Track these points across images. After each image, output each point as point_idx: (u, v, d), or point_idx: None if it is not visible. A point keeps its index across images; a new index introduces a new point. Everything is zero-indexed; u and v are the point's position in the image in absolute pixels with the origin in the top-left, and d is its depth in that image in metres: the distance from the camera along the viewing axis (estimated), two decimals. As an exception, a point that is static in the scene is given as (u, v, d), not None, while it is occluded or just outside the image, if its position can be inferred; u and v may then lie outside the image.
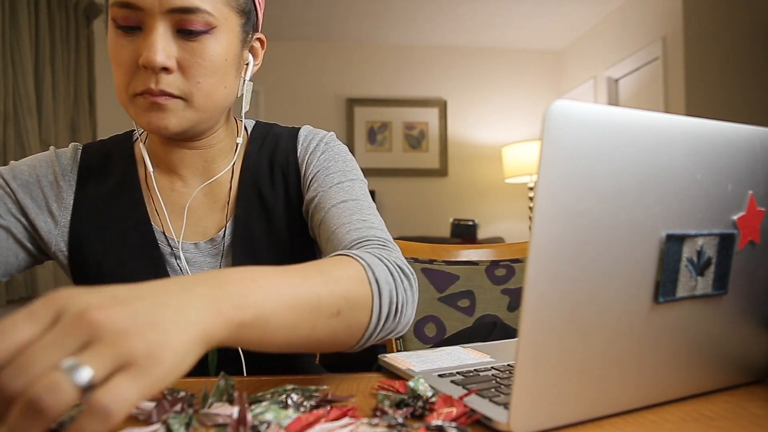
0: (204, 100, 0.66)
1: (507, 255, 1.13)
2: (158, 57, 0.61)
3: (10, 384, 0.29)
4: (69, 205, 0.73)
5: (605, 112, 0.39)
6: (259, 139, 0.80)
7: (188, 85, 0.64)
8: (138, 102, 0.64)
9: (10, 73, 2.52)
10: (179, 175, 0.76)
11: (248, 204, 0.75)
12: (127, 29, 0.63)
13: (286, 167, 0.77)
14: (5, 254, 0.70)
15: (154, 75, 0.62)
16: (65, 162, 0.75)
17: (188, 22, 0.62)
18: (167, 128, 0.65)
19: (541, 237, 0.37)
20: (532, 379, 0.39)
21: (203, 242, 0.74)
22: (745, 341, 0.52)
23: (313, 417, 0.41)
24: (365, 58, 4.36)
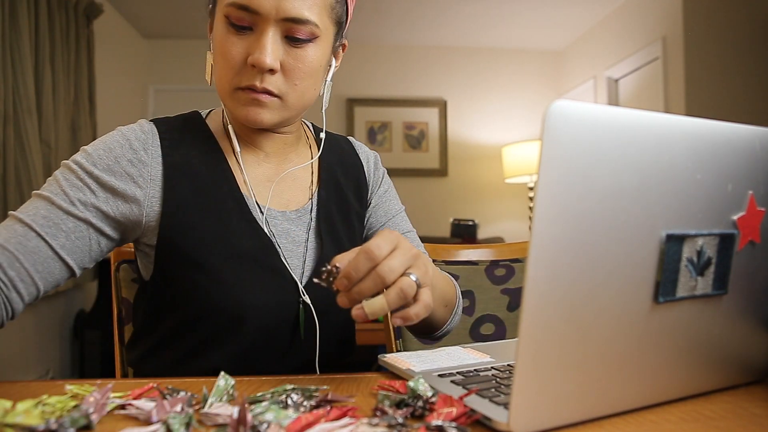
0: (297, 99, 0.73)
1: (507, 255, 1.13)
2: (268, 59, 0.67)
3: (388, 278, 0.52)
4: (157, 175, 0.72)
5: (605, 112, 0.39)
6: (326, 139, 0.89)
7: (286, 86, 0.71)
8: (239, 96, 0.71)
9: (10, 73, 2.52)
10: (264, 153, 0.81)
11: (329, 188, 0.84)
12: (240, 28, 0.69)
13: (357, 172, 0.89)
14: (87, 244, 0.70)
15: (260, 74, 0.69)
16: (143, 136, 0.74)
17: (297, 30, 0.68)
18: (263, 122, 0.72)
19: (541, 237, 0.37)
20: (532, 379, 0.39)
21: (290, 211, 0.79)
22: (745, 341, 0.52)
23: (313, 417, 0.41)
24: (365, 58, 4.36)
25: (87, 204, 0.69)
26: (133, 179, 0.71)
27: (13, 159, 2.52)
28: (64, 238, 0.67)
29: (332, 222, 0.82)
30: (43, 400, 0.46)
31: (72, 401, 0.46)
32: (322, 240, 0.79)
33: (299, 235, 0.79)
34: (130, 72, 3.98)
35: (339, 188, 0.85)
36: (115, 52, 3.71)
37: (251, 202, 0.76)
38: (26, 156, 2.58)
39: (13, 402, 0.44)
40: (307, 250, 0.78)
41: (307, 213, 0.81)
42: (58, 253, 0.67)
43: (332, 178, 0.85)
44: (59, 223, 0.67)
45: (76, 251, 0.69)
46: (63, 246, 0.67)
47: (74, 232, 0.68)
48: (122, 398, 0.48)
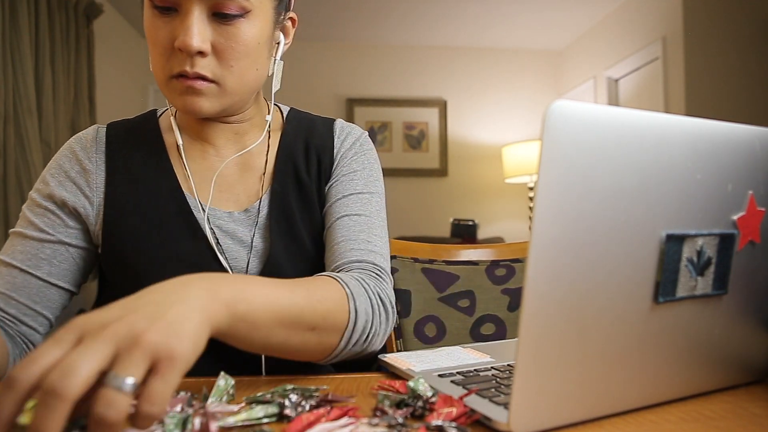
0: (236, 83, 0.67)
1: (507, 255, 1.13)
2: (194, 41, 0.62)
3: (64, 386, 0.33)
4: (101, 183, 0.72)
5: (605, 112, 0.39)
6: (295, 122, 0.82)
7: (221, 69, 0.66)
8: (173, 85, 0.66)
9: (10, 73, 2.52)
10: (212, 145, 0.76)
11: (285, 179, 0.77)
12: (163, 10, 0.64)
13: (322, 151, 0.79)
14: (72, 263, 0.72)
15: (189, 58, 0.64)
16: (88, 145, 0.74)
17: (223, 5, 0.63)
18: (201, 111, 0.67)
19: (541, 237, 0.37)
20: (532, 379, 0.39)
21: (237, 212, 0.74)
22: (745, 341, 0.52)
23: (314, 417, 0.41)
24: (365, 58, 4.36)
25: (54, 226, 0.71)
26: (81, 189, 0.72)
27: (13, 159, 2.52)
28: (47, 265, 0.70)
29: (289, 215, 0.75)
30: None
31: (72, 401, 0.46)
32: (271, 241, 0.73)
33: (246, 236, 0.74)
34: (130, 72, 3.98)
35: (297, 174, 0.77)
36: (115, 52, 3.71)
37: (193, 202, 0.73)
38: (26, 156, 2.58)
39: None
40: (251, 252, 0.73)
41: (254, 213, 0.75)
42: (47, 281, 0.69)
43: (290, 164, 0.78)
44: (37, 253, 0.69)
45: (64, 273, 0.71)
46: (49, 273, 0.70)
47: (54, 257, 0.71)
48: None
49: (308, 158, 0.79)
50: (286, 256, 0.73)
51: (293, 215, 0.75)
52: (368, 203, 0.77)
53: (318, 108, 4.19)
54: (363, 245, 0.72)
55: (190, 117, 0.76)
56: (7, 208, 2.51)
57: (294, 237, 0.74)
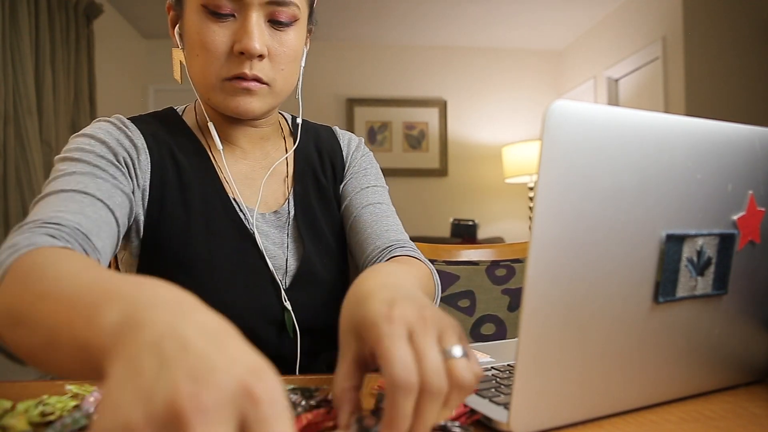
0: (284, 85, 0.72)
1: (507, 255, 1.13)
2: (257, 44, 0.65)
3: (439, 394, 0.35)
4: (147, 164, 0.70)
5: (605, 112, 0.39)
6: (303, 128, 0.86)
7: (274, 72, 0.69)
8: (227, 86, 0.68)
9: (10, 73, 2.52)
10: (241, 149, 0.78)
11: (305, 180, 0.81)
12: (220, 16, 0.66)
13: (333, 155, 0.85)
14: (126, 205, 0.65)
15: (249, 61, 0.67)
16: (127, 124, 0.71)
17: (280, 13, 0.67)
18: (254, 111, 0.70)
19: (541, 237, 0.37)
20: (532, 379, 0.39)
21: (269, 213, 0.77)
22: (745, 341, 0.52)
23: (313, 417, 0.41)
24: (365, 58, 4.36)
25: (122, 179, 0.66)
26: (132, 161, 0.68)
27: (13, 159, 2.52)
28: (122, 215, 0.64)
29: (312, 216, 0.79)
30: (43, 400, 0.46)
31: (72, 401, 0.46)
32: (302, 241, 0.77)
33: (279, 238, 0.76)
34: (129, 72, 3.99)
35: (315, 177, 0.82)
36: (115, 52, 3.71)
37: (235, 203, 0.74)
38: (26, 156, 2.58)
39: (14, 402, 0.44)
40: (288, 252, 0.76)
41: (284, 214, 0.78)
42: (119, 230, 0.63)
43: (308, 167, 0.82)
44: (113, 195, 0.63)
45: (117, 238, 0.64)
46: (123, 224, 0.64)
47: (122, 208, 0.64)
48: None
49: (323, 162, 0.84)
50: (315, 253, 0.77)
51: (315, 215, 0.79)
52: (383, 194, 0.84)
53: (318, 108, 4.19)
54: (394, 227, 0.79)
55: (219, 120, 0.75)
56: (7, 208, 2.51)
57: (319, 235, 0.78)
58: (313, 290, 0.75)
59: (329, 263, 0.78)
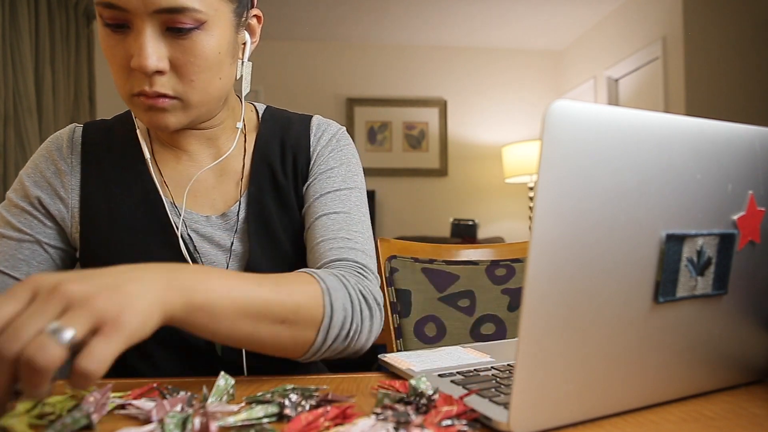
0: (199, 96, 0.65)
1: (507, 255, 1.13)
2: (149, 62, 0.59)
3: (6, 348, 0.35)
4: (76, 185, 0.72)
5: (605, 112, 0.39)
6: (270, 121, 0.80)
7: (182, 84, 0.63)
8: (136, 102, 0.64)
9: (10, 73, 2.52)
10: (185, 151, 0.75)
11: (261, 181, 0.75)
12: (116, 27, 0.61)
13: (297, 150, 0.77)
14: (51, 264, 0.72)
15: (147, 78, 0.61)
16: (64, 145, 0.74)
17: (176, 20, 0.59)
18: (168, 127, 0.66)
19: (541, 237, 0.37)
20: (532, 379, 0.39)
21: (215, 216, 0.73)
22: (745, 341, 0.52)
23: (313, 417, 0.41)
24: (365, 58, 4.36)
25: (32, 225, 0.70)
26: (56, 191, 0.72)
27: (13, 159, 2.52)
28: (26, 266, 0.69)
29: (265, 220, 0.74)
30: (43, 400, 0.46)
31: (72, 401, 0.46)
32: (250, 244, 0.73)
33: (225, 240, 0.73)
34: (130, 72, 3.98)
35: (273, 177, 0.76)
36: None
37: (169, 207, 0.72)
38: (26, 156, 2.58)
39: (13, 402, 0.44)
40: (231, 256, 0.73)
41: (233, 217, 0.74)
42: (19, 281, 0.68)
43: (265, 167, 0.76)
44: (15, 254, 0.69)
45: None
46: (27, 274, 0.69)
47: (34, 257, 0.70)
48: (122, 398, 0.48)
49: (284, 158, 0.77)
50: (265, 259, 0.73)
51: (271, 218, 0.74)
52: (347, 199, 0.75)
53: (318, 108, 4.19)
54: (342, 243, 0.70)
55: None
56: (7, 208, 2.52)
57: (273, 240, 0.73)
58: None
59: (283, 268, 0.70)
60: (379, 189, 4.19)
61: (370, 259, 0.71)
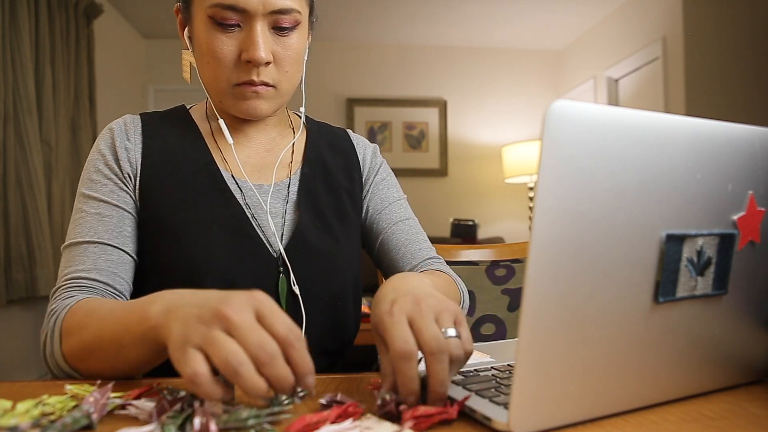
0: (288, 85, 0.76)
1: (507, 255, 1.13)
2: (263, 54, 0.69)
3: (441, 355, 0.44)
4: (138, 157, 0.76)
5: (605, 112, 0.39)
6: (315, 124, 0.90)
7: (279, 75, 0.73)
8: (237, 91, 0.73)
9: (10, 73, 2.52)
10: (245, 135, 0.82)
11: (314, 167, 0.83)
12: (227, 26, 0.70)
13: (346, 154, 0.88)
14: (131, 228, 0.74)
15: (256, 68, 0.71)
16: (125, 127, 0.78)
17: (283, 20, 0.71)
18: (263, 113, 0.75)
19: (541, 237, 0.37)
20: (532, 379, 0.39)
21: (267, 185, 0.79)
22: (745, 341, 0.52)
23: (316, 417, 0.41)
24: (365, 58, 4.36)
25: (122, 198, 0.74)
26: (128, 161, 0.76)
27: (13, 159, 2.52)
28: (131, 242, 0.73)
29: (316, 196, 0.81)
30: (43, 400, 0.46)
31: (72, 401, 0.46)
32: (300, 212, 0.78)
33: (276, 207, 0.78)
34: (129, 72, 3.99)
35: (325, 166, 0.84)
36: (115, 52, 3.71)
37: (227, 176, 0.77)
38: (26, 156, 2.58)
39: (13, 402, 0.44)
40: (285, 222, 0.77)
41: (285, 187, 0.80)
42: (134, 258, 0.73)
43: (318, 157, 0.85)
44: (121, 231, 0.72)
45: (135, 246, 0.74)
46: (134, 251, 0.73)
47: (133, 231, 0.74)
48: (122, 398, 0.48)
49: (334, 156, 0.86)
50: (312, 227, 0.78)
51: (319, 196, 0.81)
52: (407, 208, 0.90)
53: (318, 108, 4.19)
54: (425, 244, 0.86)
55: (228, 116, 0.80)
56: (7, 208, 2.51)
57: (319, 214, 0.80)
58: (307, 258, 0.75)
59: (327, 238, 0.78)
60: (379, 189, 4.18)
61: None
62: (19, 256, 2.56)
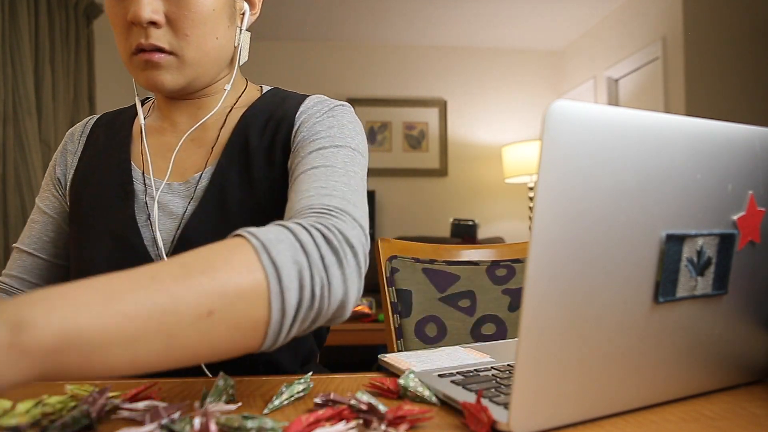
0: (195, 52, 0.67)
1: (508, 255, 1.13)
2: (143, 12, 0.62)
3: None
4: (74, 163, 0.79)
5: (605, 112, 0.39)
6: (268, 98, 0.78)
7: (177, 39, 0.66)
8: (134, 61, 0.67)
9: (10, 73, 2.52)
10: (170, 120, 0.77)
11: (233, 152, 0.72)
12: None
13: (281, 121, 0.73)
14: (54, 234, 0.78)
15: (144, 30, 0.64)
16: (77, 130, 0.82)
17: None
18: (164, 85, 0.67)
19: (541, 237, 0.37)
20: (532, 379, 0.39)
21: (177, 183, 0.72)
22: (745, 341, 0.52)
23: (313, 418, 0.41)
24: (365, 58, 4.36)
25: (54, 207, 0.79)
26: (64, 164, 0.79)
27: (12, 159, 2.52)
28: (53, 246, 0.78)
29: (224, 191, 0.70)
30: (43, 400, 0.46)
31: (72, 401, 0.46)
32: (199, 213, 0.69)
33: (178, 207, 0.71)
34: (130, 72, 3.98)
35: (245, 148, 0.72)
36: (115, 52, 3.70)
37: (137, 174, 0.73)
38: (26, 156, 2.58)
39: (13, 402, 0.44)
40: (182, 225, 0.70)
41: (194, 184, 0.72)
42: (53, 262, 0.77)
43: (242, 139, 0.73)
44: (41, 236, 0.77)
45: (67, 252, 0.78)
46: (55, 254, 0.78)
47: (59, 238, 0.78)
48: (122, 398, 0.48)
49: (264, 130, 0.73)
50: (210, 229, 0.68)
51: (231, 190, 0.70)
52: (332, 156, 0.64)
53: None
54: (315, 191, 0.58)
55: (159, 99, 0.78)
56: (6, 208, 2.51)
57: (225, 211, 0.69)
58: None
59: None
60: (379, 189, 4.19)
61: (352, 206, 0.56)
62: (19, 256, 2.55)
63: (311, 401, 0.49)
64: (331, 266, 0.46)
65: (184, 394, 0.52)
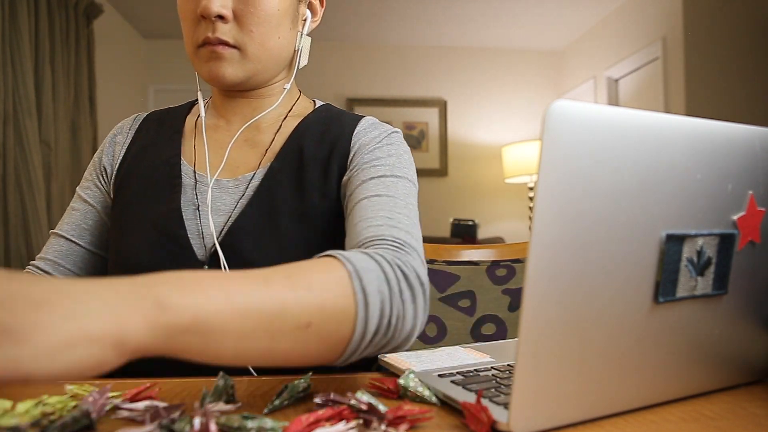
0: (257, 49, 0.70)
1: (508, 255, 1.13)
2: (213, 6, 0.66)
3: None
4: (121, 155, 0.80)
5: (605, 112, 0.39)
6: (322, 112, 0.81)
7: (242, 34, 0.69)
8: (200, 53, 0.70)
9: (10, 73, 2.52)
10: (225, 118, 0.79)
11: (287, 159, 0.74)
12: None
13: (338, 138, 0.75)
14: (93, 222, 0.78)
15: (212, 24, 0.67)
16: (125, 125, 0.83)
17: None
18: (224, 77, 0.70)
19: (541, 237, 0.37)
20: (532, 379, 0.39)
21: (225, 180, 0.74)
22: (745, 341, 0.52)
23: (314, 418, 0.41)
24: (365, 58, 4.36)
25: (95, 196, 0.79)
26: (111, 155, 0.80)
27: (12, 159, 2.52)
28: (89, 234, 0.77)
29: (274, 194, 0.71)
30: (43, 400, 0.46)
31: (72, 401, 0.46)
32: (247, 211, 0.70)
33: (227, 205, 0.72)
34: (129, 72, 3.98)
35: (302, 160, 0.73)
36: (115, 52, 3.71)
37: (187, 170, 0.74)
38: (26, 156, 2.58)
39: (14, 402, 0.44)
40: (230, 219, 0.71)
41: (245, 183, 0.73)
42: (89, 250, 0.77)
43: (297, 149, 0.74)
44: (81, 223, 0.77)
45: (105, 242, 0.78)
46: (91, 243, 0.77)
47: (96, 226, 0.78)
48: (121, 398, 0.48)
49: (321, 144, 0.75)
50: (257, 228, 0.69)
51: (281, 193, 0.71)
52: (393, 186, 0.68)
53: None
54: (382, 221, 0.62)
55: (216, 95, 0.80)
56: (6, 208, 2.51)
57: (274, 213, 0.70)
58: (239, 263, 0.67)
59: (271, 248, 0.68)
60: (379, 189, 4.19)
61: (415, 241, 0.61)
62: (19, 256, 2.56)
63: (311, 401, 0.49)
64: (406, 301, 0.51)
65: (184, 394, 0.52)
